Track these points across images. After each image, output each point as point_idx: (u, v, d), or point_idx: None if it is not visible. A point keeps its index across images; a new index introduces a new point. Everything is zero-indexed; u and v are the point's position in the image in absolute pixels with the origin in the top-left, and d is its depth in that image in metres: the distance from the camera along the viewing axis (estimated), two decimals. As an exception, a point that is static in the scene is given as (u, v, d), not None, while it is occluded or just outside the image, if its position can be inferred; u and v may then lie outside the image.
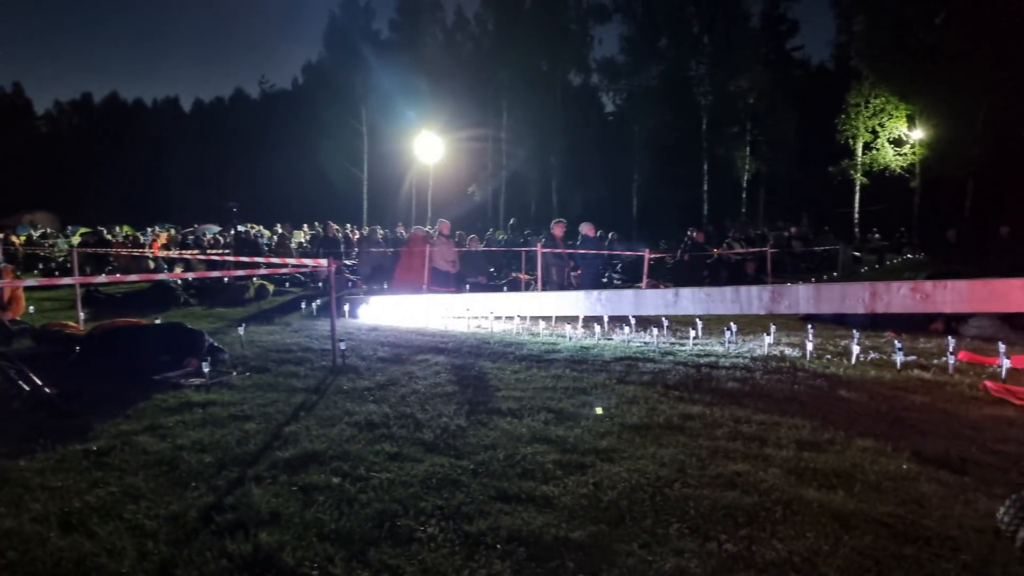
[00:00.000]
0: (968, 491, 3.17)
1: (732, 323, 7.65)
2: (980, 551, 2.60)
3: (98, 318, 8.50)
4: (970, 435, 4.05)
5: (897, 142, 28.13)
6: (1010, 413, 4.56)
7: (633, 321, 8.41)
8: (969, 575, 2.45)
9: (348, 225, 25.33)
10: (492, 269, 16.78)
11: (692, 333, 7.58)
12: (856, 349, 6.42)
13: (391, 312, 10.30)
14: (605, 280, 16.40)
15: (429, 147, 27.53)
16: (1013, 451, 3.75)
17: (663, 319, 8.44)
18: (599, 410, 4.60)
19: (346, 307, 10.33)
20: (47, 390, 4.93)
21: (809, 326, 7.80)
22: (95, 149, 58.74)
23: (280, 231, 22.08)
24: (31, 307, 9.71)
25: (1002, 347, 5.81)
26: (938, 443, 3.89)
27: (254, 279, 13.13)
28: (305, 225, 28.80)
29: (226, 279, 12.87)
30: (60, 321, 8.13)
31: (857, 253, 22.29)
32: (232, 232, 20.50)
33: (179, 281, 12.57)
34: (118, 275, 14.00)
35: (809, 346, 6.66)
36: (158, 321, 7.93)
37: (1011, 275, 6.54)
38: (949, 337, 6.74)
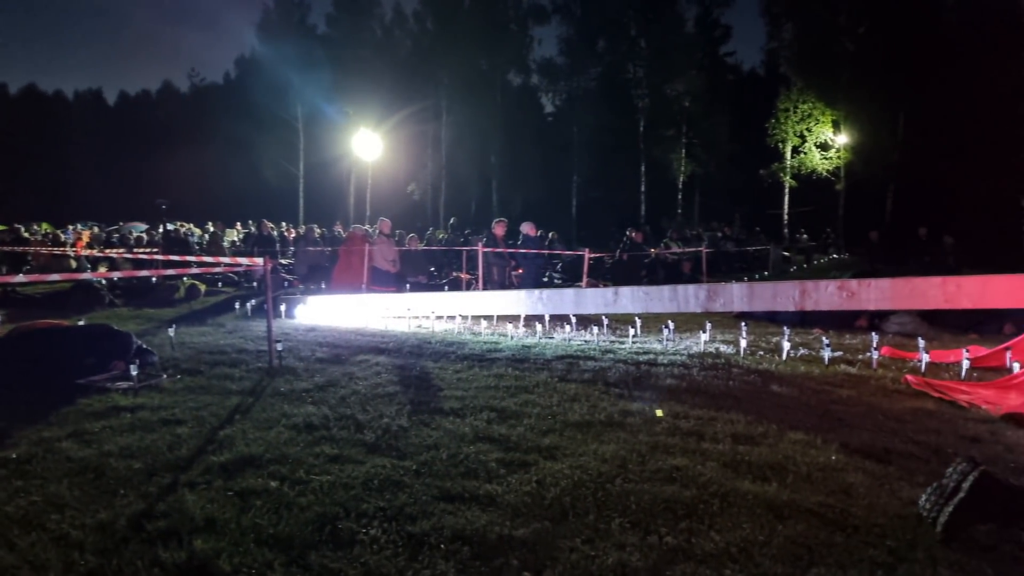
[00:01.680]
0: (892, 480, 3.33)
1: (670, 321, 7.81)
2: (904, 537, 2.72)
3: (16, 319, 8.05)
4: (893, 427, 4.25)
5: (823, 146, 29.21)
6: (930, 405, 4.80)
7: (574, 320, 8.49)
8: (895, 560, 2.56)
9: (284, 224, 24.70)
10: (433, 269, 16.66)
11: (631, 331, 7.71)
12: (787, 345, 6.65)
13: (330, 312, 10.12)
14: (546, 279, 16.51)
15: (367, 145, 27.11)
16: (933, 441, 3.95)
17: (603, 317, 8.56)
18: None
19: (283, 307, 10.09)
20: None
21: (743, 323, 8.05)
22: (11, 143, 55.46)
23: (212, 229, 21.37)
24: (-60, 308, 9.12)
25: (921, 342, 6.12)
26: (864, 435, 4.06)
27: (184, 279, 12.68)
28: (238, 223, 27.95)
29: (154, 279, 12.40)
30: (-27, 323, 7.68)
31: (786, 253, 23.11)
32: (161, 230, 19.66)
33: (104, 281, 12.03)
34: (37, 274, 13.28)
35: (743, 343, 6.86)
36: (82, 322, 7.58)
37: (929, 274, 6.89)
38: (873, 333, 7.05)
